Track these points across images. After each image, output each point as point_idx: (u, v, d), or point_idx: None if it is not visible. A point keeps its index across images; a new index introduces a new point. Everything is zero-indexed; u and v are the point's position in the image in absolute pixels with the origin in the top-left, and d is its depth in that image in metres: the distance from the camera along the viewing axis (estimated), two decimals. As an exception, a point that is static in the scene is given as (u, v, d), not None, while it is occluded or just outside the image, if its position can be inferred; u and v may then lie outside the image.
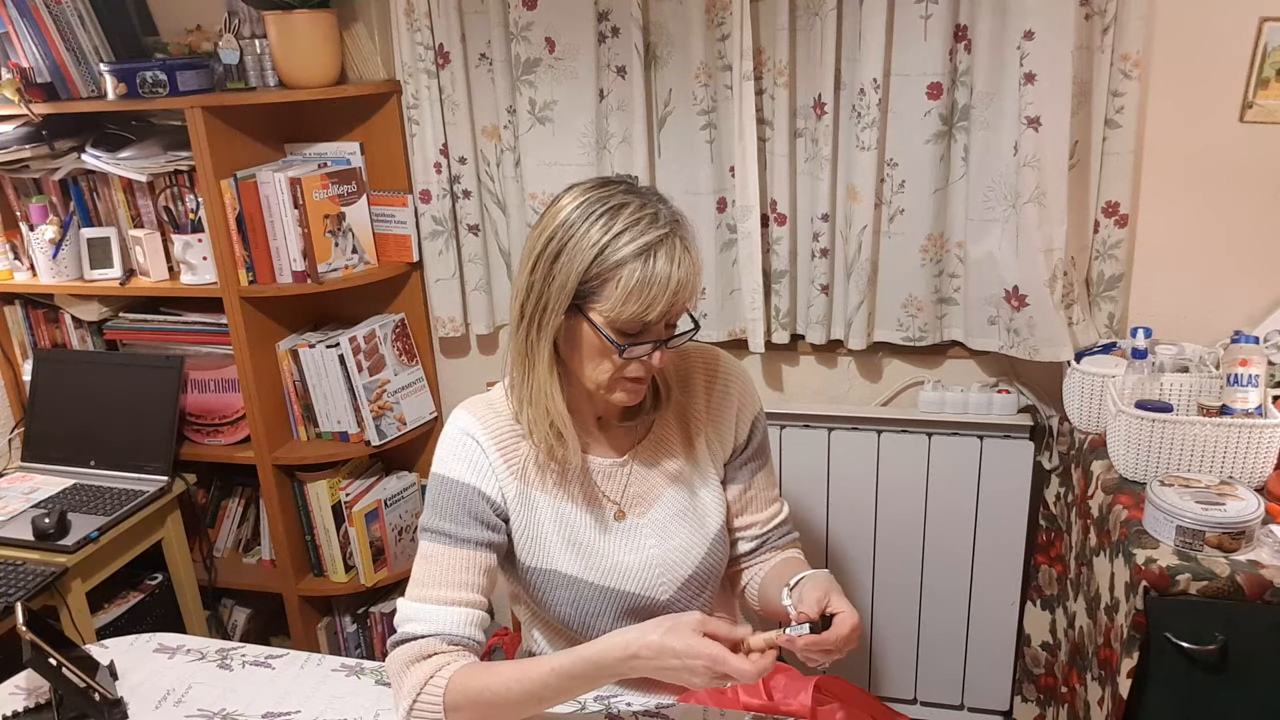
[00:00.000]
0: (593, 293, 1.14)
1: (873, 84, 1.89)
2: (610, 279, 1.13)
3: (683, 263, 1.14)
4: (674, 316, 1.19)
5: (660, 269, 1.12)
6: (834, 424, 2.13)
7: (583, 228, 1.14)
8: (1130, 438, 1.59)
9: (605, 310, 1.14)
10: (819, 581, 1.18)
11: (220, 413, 2.38)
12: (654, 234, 1.13)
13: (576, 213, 1.15)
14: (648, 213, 1.14)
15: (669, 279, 1.13)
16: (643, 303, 1.13)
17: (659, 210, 1.16)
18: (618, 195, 1.16)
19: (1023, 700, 2.11)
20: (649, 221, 1.13)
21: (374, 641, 2.57)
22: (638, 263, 1.12)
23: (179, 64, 2.11)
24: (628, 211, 1.14)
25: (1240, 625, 1.37)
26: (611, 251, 1.12)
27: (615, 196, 1.16)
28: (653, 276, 1.12)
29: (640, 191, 1.18)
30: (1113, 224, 1.91)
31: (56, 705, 1.28)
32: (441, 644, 1.17)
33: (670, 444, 1.34)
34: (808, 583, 1.18)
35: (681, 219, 1.18)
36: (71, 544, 2.02)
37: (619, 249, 1.12)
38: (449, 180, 2.26)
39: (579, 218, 1.15)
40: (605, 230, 1.13)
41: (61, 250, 2.31)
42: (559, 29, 2.08)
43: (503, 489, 1.25)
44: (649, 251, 1.12)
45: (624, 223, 1.13)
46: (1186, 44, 1.81)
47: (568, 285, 1.14)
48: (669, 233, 1.14)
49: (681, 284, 1.14)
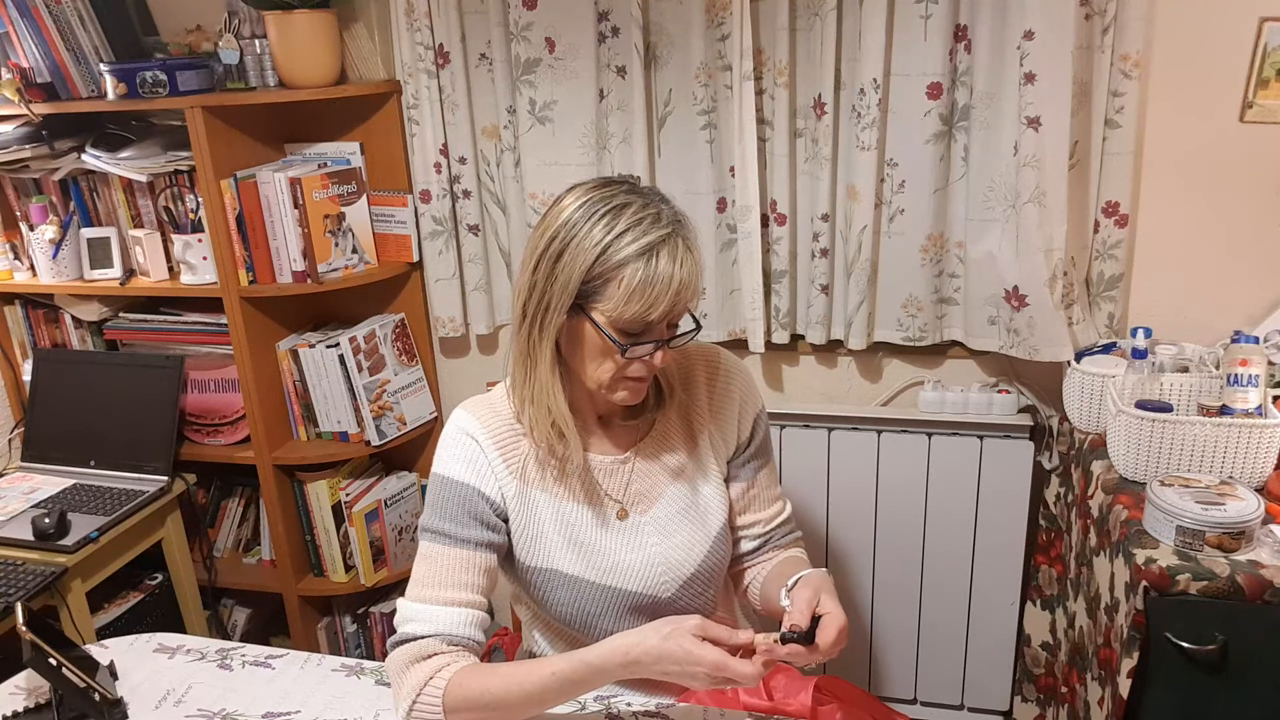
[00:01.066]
0: (595, 292, 1.14)
1: (873, 84, 1.89)
2: (613, 278, 1.13)
3: (685, 262, 1.14)
4: (676, 316, 1.19)
5: (663, 269, 1.12)
6: (834, 424, 2.13)
7: (585, 227, 1.14)
8: (1130, 438, 1.59)
9: (607, 310, 1.14)
10: (811, 581, 1.17)
11: (220, 413, 2.38)
12: (656, 234, 1.13)
13: (579, 212, 1.15)
14: (650, 212, 1.14)
15: (671, 279, 1.13)
16: (645, 302, 1.13)
17: (661, 210, 1.16)
18: (620, 195, 1.16)
19: (1023, 700, 2.11)
20: (651, 221, 1.14)
21: (374, 641, 2.57)
22: (640, 262, 1.12)
23: (179, 64, 2.11)
24: (630, 211, 1.14)
25: (1240, 625, 1.37)
26: (614, 251, 1.12)
27: (618, 196, 1.16)
28: (655, 276, 1.12)
29: (643, 191, 1.18)
30: (1113, 224, 1.91)
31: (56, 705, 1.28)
32: (441, 644, 1.17)
33: (672, 442, 1.34)
34: (800, 583, 1.18)
35: (684, 219, 1.18)
36: (71, 544, 2.01)
37: (621, 249, 1.12)
38: (449, 180, 2.26)
39: (581, 217, 1.15)
40: (608, 230, 1.13)
41: (61, 250, 2.31)
42: (559, 29, 2.08)
43: (502, 489, 1.25)
44: (651, 251, 1.12)
45: (626, 222, 1.13)
46: (1186, 44, 1.81)
47: (570, 284, 1.14)
48: (671, 233, 1.14)
49: (684, 284, 1.14)
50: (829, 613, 1.10)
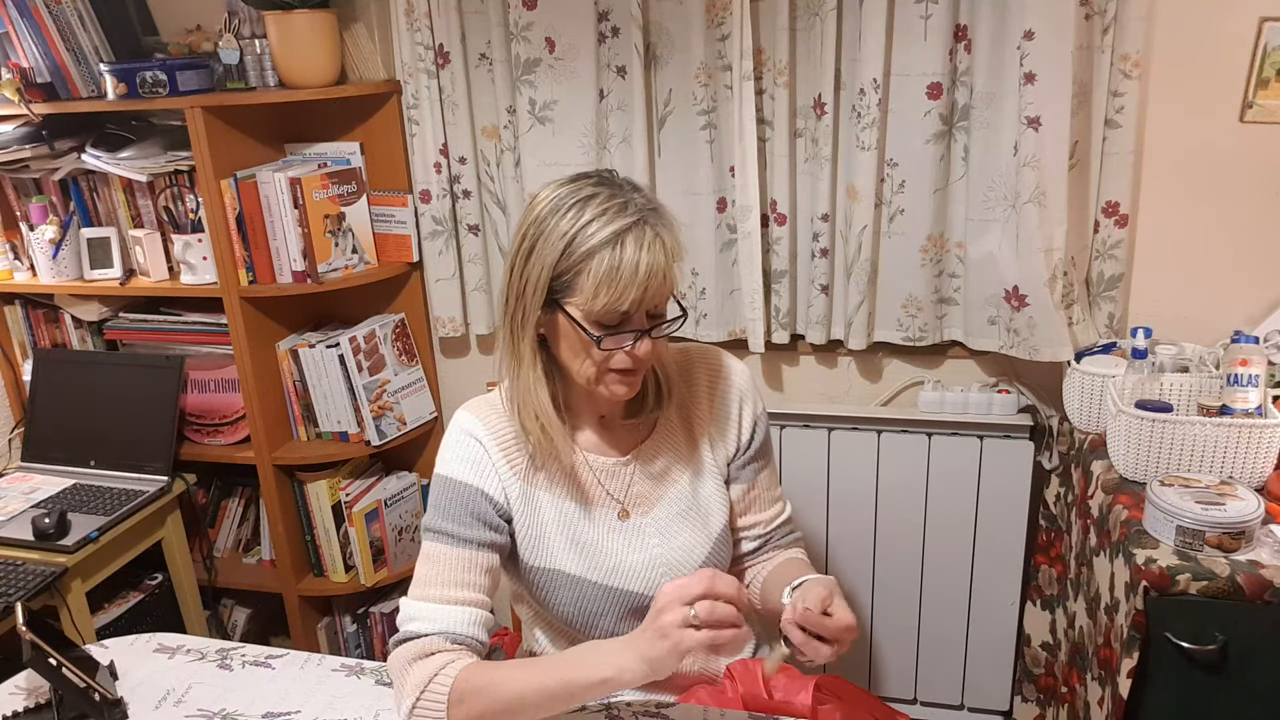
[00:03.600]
0: (567, 286, 1.14)
1: (873, 84, 1.89)
2: (581, 270, 1.12)
3: (653, 248, 1.12)
4: (653, 305, 1.17)
5: (629, 256, 1.11)
6: (834, 424, 2.13)
7: (553, 221, 1.14)
8: (1130, 438, 1.59)
9: (580, 303, 1.14)
10: (825, 582, 1.17)
11: (220, 413, 2.38)
12: (622, 221, 1.12)
13: (548, 207, 1.15)
14: (617, 202, 1.13)
15: (638, 265, 1.11)
16: (614, 291, 1.11)
17: (630, 199, 1.14)
18: (588, 187, 1.15)
19: (1023, 700, 2.11)
20: (617, 210, 1.12)
21: (374, 641, 2.57)
22: (605, 250, 1.11)
23: (179, 64, 2.11)
24: (596, 201, 1.13)
25: (1240, 625, 1.37)
26: (580, 242, 1.12)
27: (585, 189, 1.15)
28: (622, 264, 1.11)
29: (613, 182, 1.17)
30: (1113, 224, 1.91)
31: (56, 705, 1.28)
32: (444, 642, 1.17)
33: (673, 443, 1.34)
34: (811, 584, 1.18)
35: (658, 207, 1.16)
36: (71, 544, 2.01)
37: (588, 239, 1.11)
38: (449, 180, 2.26)
39: (549, 211, 1.14)
40: (574, 222, 1.12)
41: (61, 250, 2.31)
42: (559, 29, 2.08)
43: (505, 489, 1.25)
44: (617, 239, 1.11)
45: (592, 212, 1.12)
46: (1186, 44, 1.81)
47: (541, 280, 1.14)
48: (639, 220, 1.12)
49: (652, 270, 1.12)
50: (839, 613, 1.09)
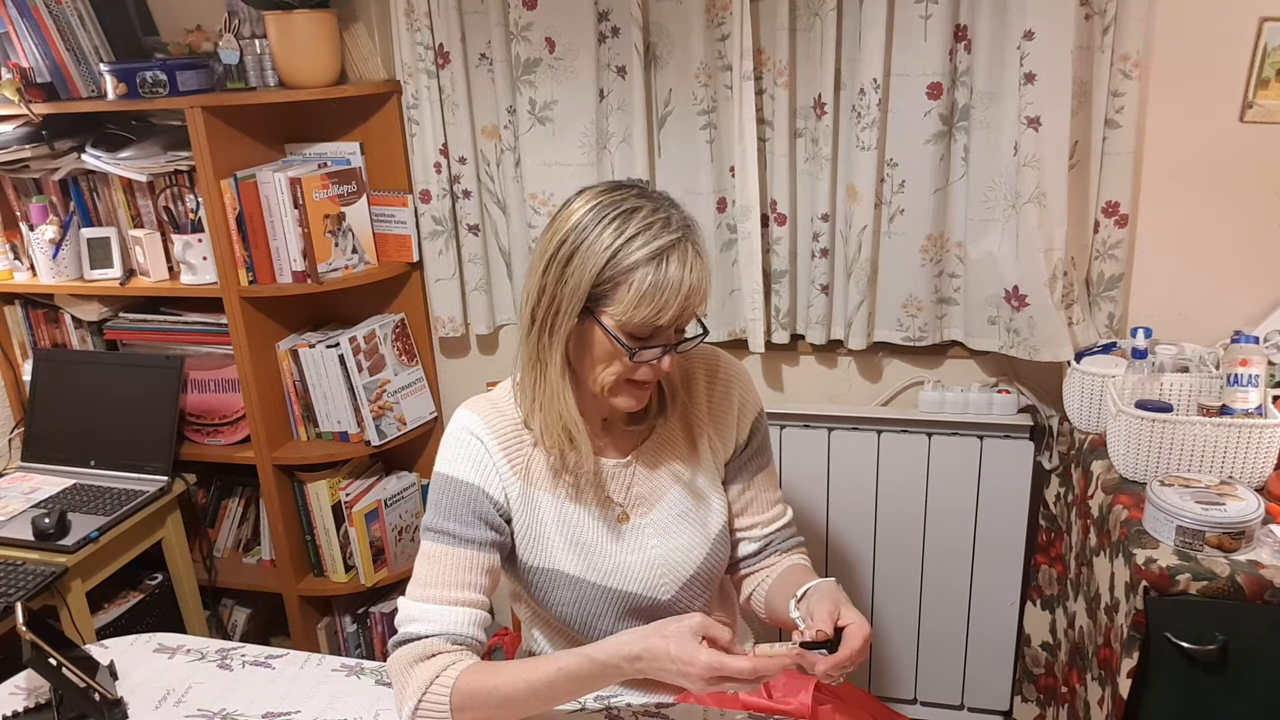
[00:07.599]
0: (605, 296, 1.15)
1: (873, 84, 1.89)
2: (623, 282, 1.13)
3: (695, 268, 1.14)
4: (683, 321, 1.19)
5: (673, 274, 1.13)
6: (834, 424, 2.13)
7: (595, 231, 1.14)
8: (1130, 438, 1.59)
9: (617, 314, 1.15)
10: (826, 592, 1.17)
11: (220, 413, 2.38)
12: (666, 239, 1.13)
13: (589, 216, 1.15)
14: (660, 217, 1.15)
15: (681, 284, 1.13)
16: (655, 307, 1.13)
17: (671, 215, 1.16)
18: (630, 199, 1.16)
19: (1023, 700, 2.12)
20: (661, 226, 1.14)
21: (374, 641, 2.57)
22: (650, 267, 1.12)
23: (179, 64, 2.11)
24: (640, 215, 1.14)
25: (1240, 625, 1.37)
26: (624, 255, 1.13)
27: (628, 200, 1.16)
28: (665, 281, 1.13)
29: (652, 196, 1.18)
30: (1113, 224, 1.91)
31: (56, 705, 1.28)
32: (445, 644, 1.17)
33: (673, 445, 1.34)
34: (814, 595, 1.18)
35: (693, 224, 1.18)
36: (71, 544, 2.01)
37: (632, 253, 1.13)
38: (449, 180, 2.26)
39: (591, 221, 1.15)
40: (618, 234, 1.13)
41: (61, 250, 2.31)
42: (559, 29, 2.08)
43: (506, 489, 1.25)
44: (661, 256, 1.13)
45: (636, 226, 1.13)
46: (1186, 44, 1.81)
47: (580, 288, 1.15)
48: (681, 238, 1.15)
49: (693, 289, 1.15)
50: (853, 623, 1.09)
